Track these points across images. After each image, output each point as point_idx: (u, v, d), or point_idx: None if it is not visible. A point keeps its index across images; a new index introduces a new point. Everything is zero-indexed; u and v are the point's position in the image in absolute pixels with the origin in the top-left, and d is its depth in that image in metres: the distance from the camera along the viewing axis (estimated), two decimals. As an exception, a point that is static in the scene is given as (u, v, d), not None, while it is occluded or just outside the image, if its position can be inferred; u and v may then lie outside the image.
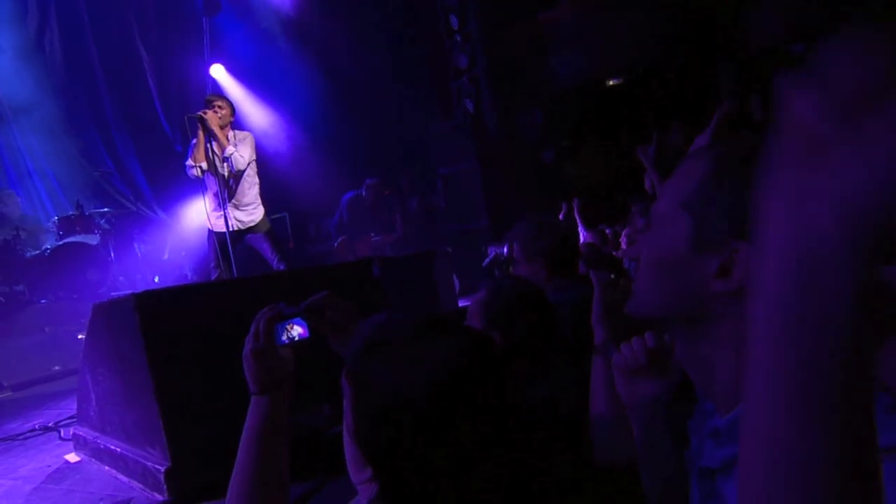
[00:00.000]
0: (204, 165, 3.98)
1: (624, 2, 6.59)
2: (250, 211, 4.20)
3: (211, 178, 4.05)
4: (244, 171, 4.07)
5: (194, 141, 3.98)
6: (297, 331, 0.96)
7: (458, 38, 7.11)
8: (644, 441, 0.91)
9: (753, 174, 0.60)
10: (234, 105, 4.23)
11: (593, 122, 6.92)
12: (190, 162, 4.01)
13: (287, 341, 0.94)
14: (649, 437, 0.90)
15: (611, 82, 7.06)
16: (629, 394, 0.92)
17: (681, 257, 0.62)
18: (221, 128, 4.01)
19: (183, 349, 1.89)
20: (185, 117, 4.01)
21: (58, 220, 5.97)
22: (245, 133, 4.19)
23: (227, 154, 3.93)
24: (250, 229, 4.20)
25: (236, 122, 4.24)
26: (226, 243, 3.95)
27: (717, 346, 0.62)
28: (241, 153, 4.00)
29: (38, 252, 5.72)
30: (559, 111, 7.01)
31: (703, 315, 0.62)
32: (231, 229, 3.98)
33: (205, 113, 3.90)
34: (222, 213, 3.96)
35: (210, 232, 4.14)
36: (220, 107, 4.02)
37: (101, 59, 7.67)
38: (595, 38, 6.82)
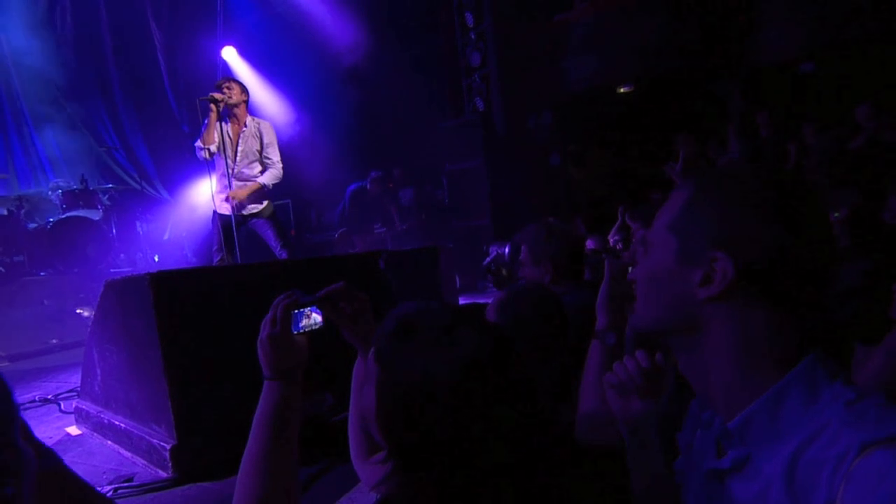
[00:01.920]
0: (213, 148, 3.96)
1: (639, 10, 6.61)
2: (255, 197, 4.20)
3: (220, 160, 4.04)
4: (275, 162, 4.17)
5: (207, 121, 3.96)
6: (312, 319, 0.98)
7: (472, 36, 7.11)
8: (634, 451, 0.94)
9: (729, 194, 0.67)
10: (247, 88, 4.19)
11: (602, 127, 6.95)
12: (199, 143, 3.99)
13: (302, 329, 0.96)
14: (639, 447, 0.93)
15: (622, 89, 7.07)
16: (621, 409, 0.96)
17: (670, 273, 0.69)
18: (234, 107, 4.00)
19: (194, 330, 1.91)
20: (197, 100, 3.98)
21: (62, 193, 5.97)
22: (266, 123, 4.17)
23: (266, 182, 4.06)
24: (254, 215, 4.20)
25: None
26: (230, 227, 3.95)
27: (711, 353, 0.67)
28: (270, 156, 4.13)
29: (40, 224, 5.73)
30: (568, 115, 7.02)
31: (696, 324, 0.67)
32: (235, 212, 3.98)
33: (215, 96, 3.88)
34: (227, 196, 3.97)
35: (215, 214, 4.14)
36: (227, 88, 3.99)
37: (112, 35, 7.62)
38: (609, 44, 6.83)
